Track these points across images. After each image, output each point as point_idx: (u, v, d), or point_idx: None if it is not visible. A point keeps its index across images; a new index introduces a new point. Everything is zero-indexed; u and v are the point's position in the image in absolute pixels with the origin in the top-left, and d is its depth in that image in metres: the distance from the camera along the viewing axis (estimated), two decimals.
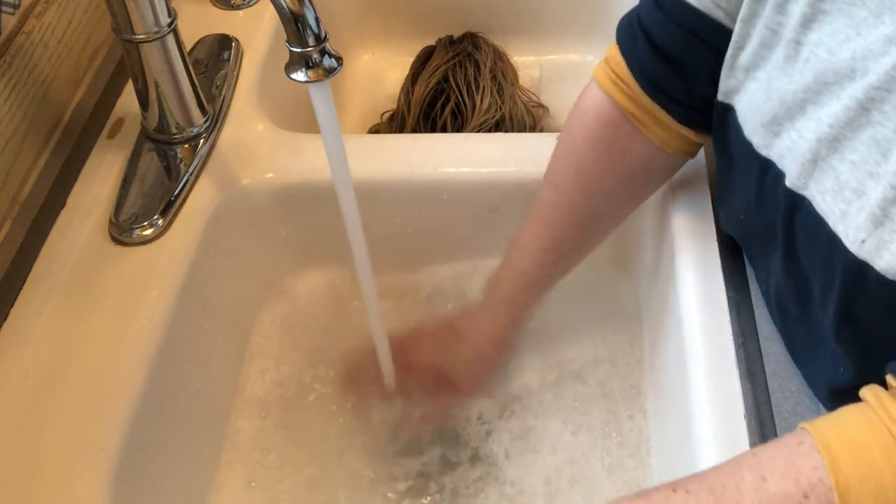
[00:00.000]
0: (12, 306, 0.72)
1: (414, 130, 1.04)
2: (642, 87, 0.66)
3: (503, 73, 1.09)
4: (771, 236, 0.61)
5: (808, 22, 0.53)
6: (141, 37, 0.76)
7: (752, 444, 0.62)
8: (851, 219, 0.51)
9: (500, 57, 1.11)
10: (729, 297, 0.70)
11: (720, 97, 0.63)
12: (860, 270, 0.50)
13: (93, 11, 0.92)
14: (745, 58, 0.60)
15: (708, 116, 0.66)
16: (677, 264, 0.74)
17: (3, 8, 0.78)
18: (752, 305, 0.70)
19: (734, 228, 0.71)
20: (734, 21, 0.60)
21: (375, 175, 0.85)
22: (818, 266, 0.54)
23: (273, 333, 0.90)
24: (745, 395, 0.65)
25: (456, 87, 1.04)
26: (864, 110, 0.50)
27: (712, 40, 0.62)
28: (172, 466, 0.74)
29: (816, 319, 0.58)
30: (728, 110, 0.63)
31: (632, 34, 0.66)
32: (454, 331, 0.80)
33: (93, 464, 0.63)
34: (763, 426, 0.63)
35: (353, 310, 0.91)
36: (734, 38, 0.60)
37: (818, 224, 0.53)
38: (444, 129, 1.03)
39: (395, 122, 1.08)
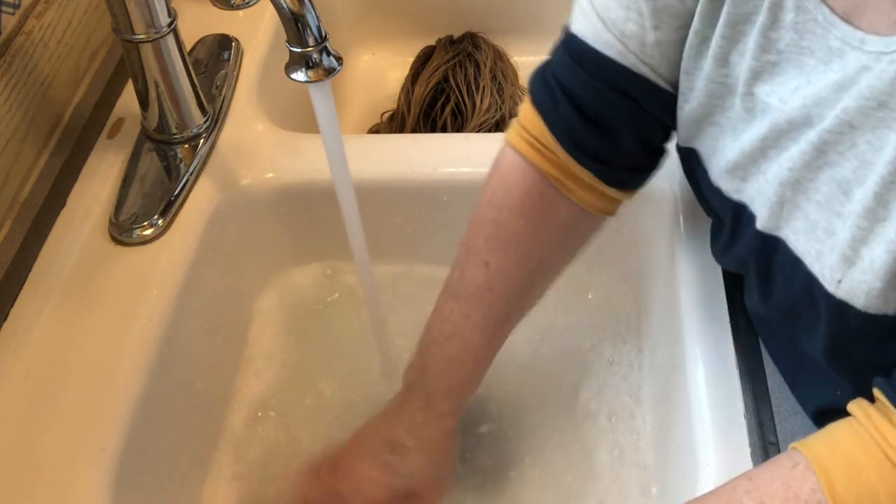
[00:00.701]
0: (12, 306, 0.72)
1: (414, 130, 1.04)
2: (569, 151, 0.63)
3: (503, 73, 1.09)
4: (748, 273, 0.61)
5: (757, 75, 0.53)
6: (141, 37, 0.76)
7: (752, 444, 0.62)
8: (826, 258, 0.51)
9: (500, 57, 1.11)
10: (729, 298, 0.70)
11: (681, 142, 0.62)
12: (841, 309, 0.50)
13: (93, 11, 0.92)
14: (696, 109, 0.59)
15: (633, 174, 0.66)
16: (677, 265, 0.74)
17: (3, 8, 0.78)
18: None
19: (720, 262, 0.70)
20: (660, 77, 0.59)
21: (375, 175, 0.85)
22: (799, 302, 0.54)
23: (273, 333, 0.90)
24: (744, 395, 0.65)
25: (456, 87, 1.04)
26: (819, 153, 0.50)
27: (640, 96, 0.60)
28: (172, 466, 0.74)
29: (802, 346, 0.58)
30: (692, 153, 0.62)
31: (551, 95, 0.63)
32: (395, 445, 0.70)
33: (93, 464, 0.63)
34: (763, 426, 0.63)
35: (354, 310, 0.91)
36: (681, 89, 0.59)
37: (795, 263, 0.53)
38: (444, 129, 1.03)
39: (395, 122, 1.08)
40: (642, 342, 0.87)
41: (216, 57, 0.93)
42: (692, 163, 0.62)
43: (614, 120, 0.62)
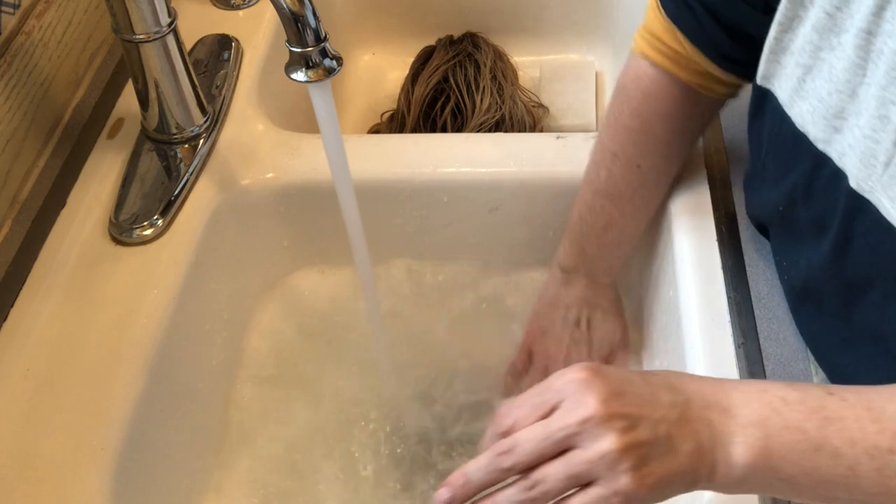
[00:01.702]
0: (12, 306, 0.72)
1: (414, 130, 1.04)
2: (711, 59, 0.66)
3: (503, 73, 1.09)
4: (818, 232, 0.58)
5: (880, 10, 0.49)
6: (141, 37, 0.76)
7: None
8: None
9: (500, 57, 1.11)
10: (729, 297, 0.70)
11: (759, 81, 0.61)
12: None
13: (93, 11, 0.92)
14: (793, 40, 0.56)
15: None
16: (677, 264, 0.74)
17: (3, 8, 0.78)
18: (752, 305, 0.70)
19: (765, 217, 0.69)
20: None
21: (375, 175, 0.85)
22: (883, 273, 0.52)
23: (273, 333, 0.90)
24: None
25: (456, 87, 1.04)
26: None
27: (773, 4, 0.59)
28: (172, 466, 0.74)
29: (862, 319, 0.56)
30: (766, 96, 0.60)
31: (688, 8, 0.65)
32: (577, 320, 0.83)
33: (93, 463, 0.63)
34: None
35: (354, 309, 0.91)
36: (780, 18, 0.57)
37: (886, 231, 0.50)
38: (444, 129, 1.03)
39: (395, 122, 1.08)
40: (642, 342, 0.87)
41: (216, 57, 0.93)
42: (765, 106, 0.61)
43: (748, 28, 0.63)
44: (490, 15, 1.17)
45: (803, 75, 0.56)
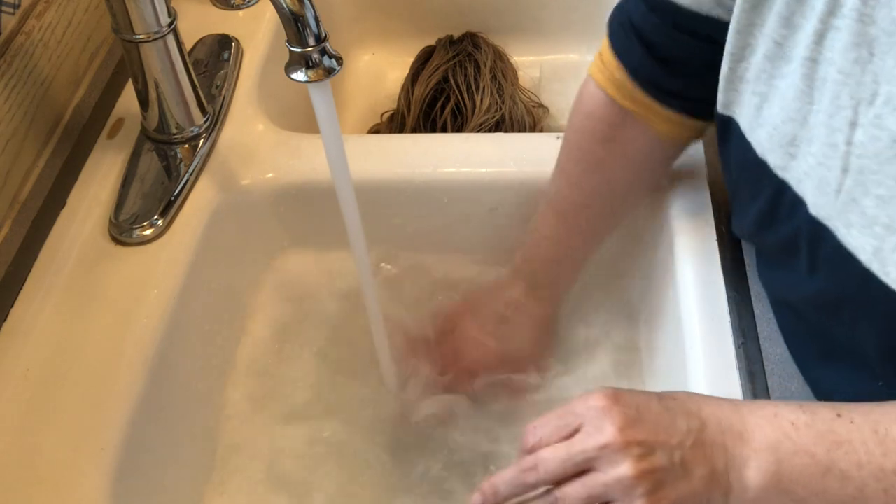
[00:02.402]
0: (12, 306, 0.72)
1: (414, 130, 1.04)
2: (647, 91, 0.66)
3: (503, 73, 1.09)
4: (787, 257, 0.59)
5: (820, 39, 0.50)
6: (141, 37, 0.76)
7: None
8: (887, 256, 0.49)
9: (500, 57, 1.11)
10: (729, 297, 0.70)
11: (720, 109, 0.61)
12: None
13: (93, 11, 0.92)
14: (746, 69, 0.57)
15: (709, 104, 0.65)
16: (677, 264, 0.74)
17: (3, 8, 0.78)
18: (752, 305, 0.70)
19: (745, 237, 0.70)
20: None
21: (375, 175, 0.85)
22: (847, 296, 0.52)
23: (272, 333, 0.90)
24: (744, 395, 0.65)
25: (456, 87, 1.04)
26: (892, 142, 0.47)
27: (715, 36, 0.60)
28: (172, 466, 0.74)
29: (837, 336, 0.57)
30: (730, 123, 0.61)
31: (626, 37, 0.66)
32: (501, 318, 0.82)
33: (93, 464, 0.63)
34: None
35: (353, 309, 0.91)
36: (730, 48, 0.57)
37: (846, 258, 0.51)
38: (444, 129, 1.03)
39: (395, 122, 1.08)
40: (642, 342, 0.87)
41: (216, 57, 0.93)
42: (729, 132, 0.61)
43: (690, 61, 0.63)
44: (490, 15, 1.17)
45: (760, 103, 0.56)
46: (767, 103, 0.56)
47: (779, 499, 0.50)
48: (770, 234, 0.60)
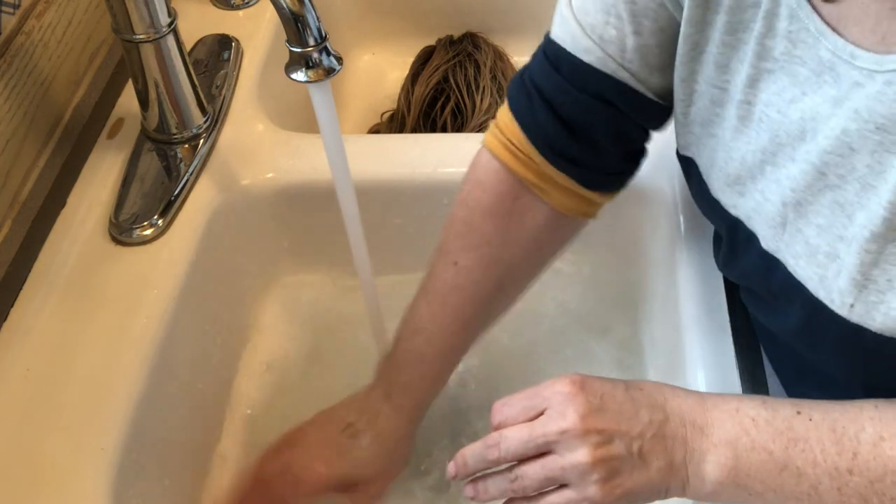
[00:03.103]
0: (12, 306, 0.72)
1: (414, 130, 1.04)
2: (544, 155, 0.63)
3: (503, 73, 1.09)
4: (750, 288, 0.61)
5: (754, 82, 0.52)
6: (141, 37, 0.76)
7: None
8: (831, 283, 0.50)
9: (500, 57, 1.11)
10: (728, 298, 0.70)
11: (680, 150, 0.62)
12: (856, 333, 0.50)
13: (93, 11, 0.92)
14: (696, 113, 0.58)
15: (611, 177, 0.65)
16: (677, 265, 0.74)
17: (3, 8, 0.78)
18: None
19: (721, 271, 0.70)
20: (640, 82, 0.59)
21: (375, 175, 0.85)
22: (806, 324, 0.54)
23: (272, 333, 0.90)
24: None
25: (456, 87, 1.04)
26: (820, 174, 0.49)
27: (619, 101, 0.60)
28: (172, 466, 0.74)
29: (808, 357, 0.58)
30: (690, 163, 0.61)
31: (528, 100, 0.63)
32: (352, 430, 0.72)
33: (93, 464, 0.63)
34: None
35: (353, 309, 0.91)
36: (679, 96, 0.58)
37: (797, 288, 0.52)
38: (444, 129, 1.03)
39: (395, 122, 1.08)
40: (643, 345, 0.87)
41: (216, 57, 0.93)
42: (691, 172, 0.62)
43: (592, 125, 0.62)
44: (490, 15, 1.17)
45: (714, 145, 0.57)
46: (715, 145, 0.57)
47: (736, 492, 0.51)
48: (734, 269, 0.61)
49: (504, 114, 0.65)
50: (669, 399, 0.53)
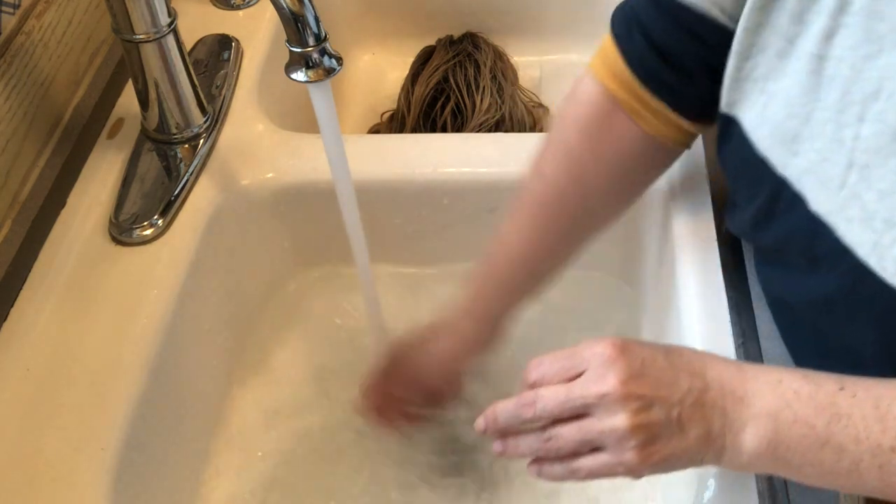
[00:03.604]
0: (12, 306, 0.72)
1: (414, 130, 1.04)
2: (641, 79, 0.65)
3: (503, 73, 1.09)
4: (785, 253, 0.59)
5: (829, 36, 0.51)
6: (141, 37, 0.76)
7: None
8: (885, 251, 0.49)
9: (500, 57, 1.11)
10: (729, 297, 0.70)
11: (723, 108, 0.61)
12: None
13: (93, 11, 0.92)
14: (753, 68, 0.57)
15: (706, 109, 0.65)
16: (677, 265, 0.74)
17: (3, 8, 0.78)
18: (752, 305, 0.70)
19: (742, 236, 0.69)
20: (734, 22, 0.59)
21: (375, 175, 0.85)
22: (842, 292, 0.53)
23: (272, 332, 0.90)
24: None
25: (456, 87, 1.04)
26: (893, 137, 0.48)
27: (711, 40, 0.61)
28: (172, 466, 0.74)
29: (833, 335, 0.57)
30: (731, 122, 0.61)
31: (628, 29, 0.65)
32: (433, 332, 0.76)
33: (93, 463, 0.63)
34: None
35: (354, 310, 0.91)
36: (737, 47, 0.58)
37: (844, 253, 0.51)
38: (444, 129, 1.03)
39: (395, 122, 1.08)
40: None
41: (216, 57, 0.93)
42: (731, 132, 0.61)
43: (684, 56, 0.62)
44: (490, 15, 1.17)
45: (766, 101, 0.57)
46: (772, 101, 0.56)
47: (773, 464, 0.51)
48: (767, 233, 0.60)
49: (607, 39, 0.67)
50: (709, 367, 0.52)
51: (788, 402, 0.50)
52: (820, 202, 0.53)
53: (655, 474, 0.52)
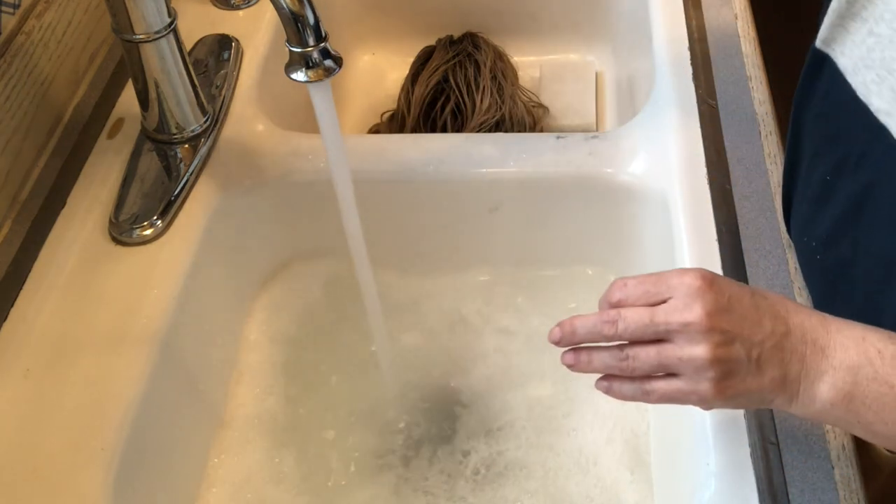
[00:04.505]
0: (12, 306, 0.72)
1: (414, 130, 1.04)
2: None
3: (503, 73, 1.09)
4: (860, 204, 0.58)
5: None
6: (141, 37, 0.76)
7: (752, 444, 0.62)
8: None
9: (500, 57, 1.11)
10: None
11: (819, 44, 0.59)
12: None
13: (93, 11, 0.92)
14: (866, 7, 0.54)
15: None
16: (677, 265, 0.74)
17: (3, 8, 0.78)
18: None
19: (814, 186, 0.66)
20: None
21: (375, 175, 0.85)
22: None
23: (273, 333, 0.90)
24: None
25: (456, 87, 1.04)
26: None
27: None
28: (172, 466, 0.74)
29: (893, 305, 0.56)
30: (825, 60, 0.58)
31: None
32: None
33: (93, 464, 0.63)
34: (763, 426, 0.63)
35: (353, 309, 0.91)
36: None
37: None
38: (444, 129, 1.03)
39: (395, 122, 1.08)
40: None
41: (216, 57, 0.93)
42: (823, 71, 0.59)
43: None
44: (490, 15, 1.17)
45: (874, 44, 0.54)
46: (882, 45, 0.54)
47: (845, 416, 0.51)
48: (849, 182, 0.59)
49: None
50: (793, 313, 0.52)
51: (871, 358, 0.50)
52: None
53: (727, 407, 0.54)
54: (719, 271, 0.72)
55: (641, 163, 0.83)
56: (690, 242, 0.74)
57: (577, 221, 0.88)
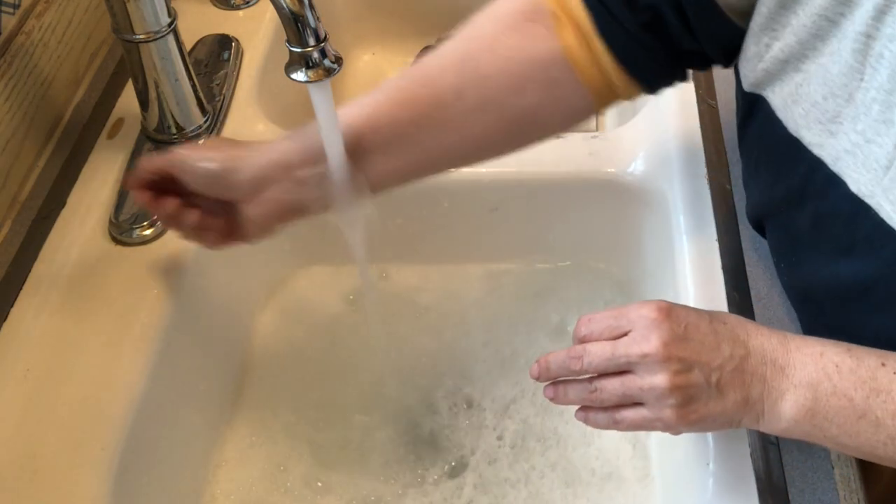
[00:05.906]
0: (12, 306, 0.72)
1: None
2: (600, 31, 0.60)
3: None
4: (816, 237, 0.59)
5: (881, 15, 0.49)
6: (141, 37, 0.76)
7: (752, 444, 0.62)
8: None
9: None
10: (729, 297, 0.70)
11: (748, 88, 0.60)
12: None
13: (93, 11, 0.92)
14: (784, 48, 0.55)
15: (637, 54, 0.60)
16: (677, 264, 0.74)
17: (3, 8, 0.78)
18: (751, 305, 0.70)
19: (763, 219, 0.68)
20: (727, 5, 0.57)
21: None
22: (883, 277, 0.53)
23: (273, 333, 0.90)
24: None
25: None
26: None
27: (689, 8, 0.57)
28: (172, 466, 0.74)
29: (861, 325, 0.57)
30: (757, 101, 0.59)
31: None
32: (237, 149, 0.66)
33: (93, 463, 0.63)
34: None
35: (355, 310, 0.91)
36: (762, 28, 0.56)
37: (887, 236, 0.51)
38: None
39: None
40: None
41: (216, 57, 0.93)
42: (757, 111, 0.60)
43: (660, 19, 0.59)
44: None
45: (801, 80, 0.55)
46: (808, 80, 0.55)
47: (811, 431, 0.53)
48: (800, 215, 0.59)
49: None
50: (752, 336, 0.54)
51: (829, 374, 0.52)
52: (861, 183, 0.53)
53: (693, 432, 0.56)
54: (719, 271, 0.72)
55: (641, 163, 0.83)
56: (690, 242, 0.74)
57: (577, 221, 0.88)
